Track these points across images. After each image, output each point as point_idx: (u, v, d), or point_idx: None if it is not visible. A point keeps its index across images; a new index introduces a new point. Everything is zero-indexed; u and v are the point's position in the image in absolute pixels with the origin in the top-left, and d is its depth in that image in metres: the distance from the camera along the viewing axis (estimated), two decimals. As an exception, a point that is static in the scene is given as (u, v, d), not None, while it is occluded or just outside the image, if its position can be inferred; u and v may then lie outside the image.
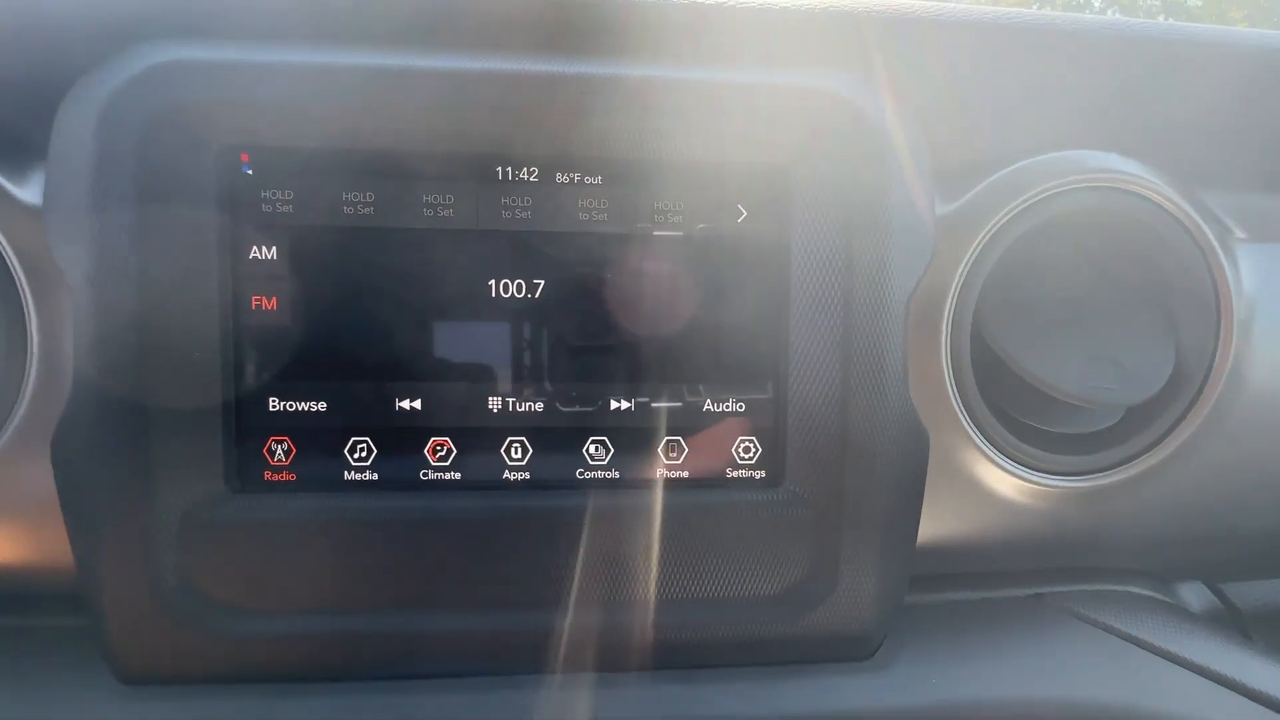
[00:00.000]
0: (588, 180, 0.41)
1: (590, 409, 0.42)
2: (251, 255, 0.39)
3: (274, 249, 0.39)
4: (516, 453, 0.42)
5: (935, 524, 0.46)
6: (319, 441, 0.40)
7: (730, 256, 0.41)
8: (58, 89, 0.38)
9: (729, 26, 0.42)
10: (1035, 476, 0.46)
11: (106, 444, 0.37)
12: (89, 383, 0.37)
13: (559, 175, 0.41)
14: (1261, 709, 0.43)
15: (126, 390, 0.37)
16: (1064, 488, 0.46)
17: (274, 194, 0.39)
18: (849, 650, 0.43)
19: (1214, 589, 0.55)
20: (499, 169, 0.40)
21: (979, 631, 0.46)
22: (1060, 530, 0.48)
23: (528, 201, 0.40)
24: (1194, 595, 0.55)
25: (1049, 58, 0.45)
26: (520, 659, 0.41)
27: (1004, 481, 0.46)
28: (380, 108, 0.38)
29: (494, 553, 0.40)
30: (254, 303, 0.39)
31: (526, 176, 0.40)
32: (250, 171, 0.39)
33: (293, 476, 0.40)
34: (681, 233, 0.41)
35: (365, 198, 0.40)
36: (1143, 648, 0.46)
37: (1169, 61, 0.46)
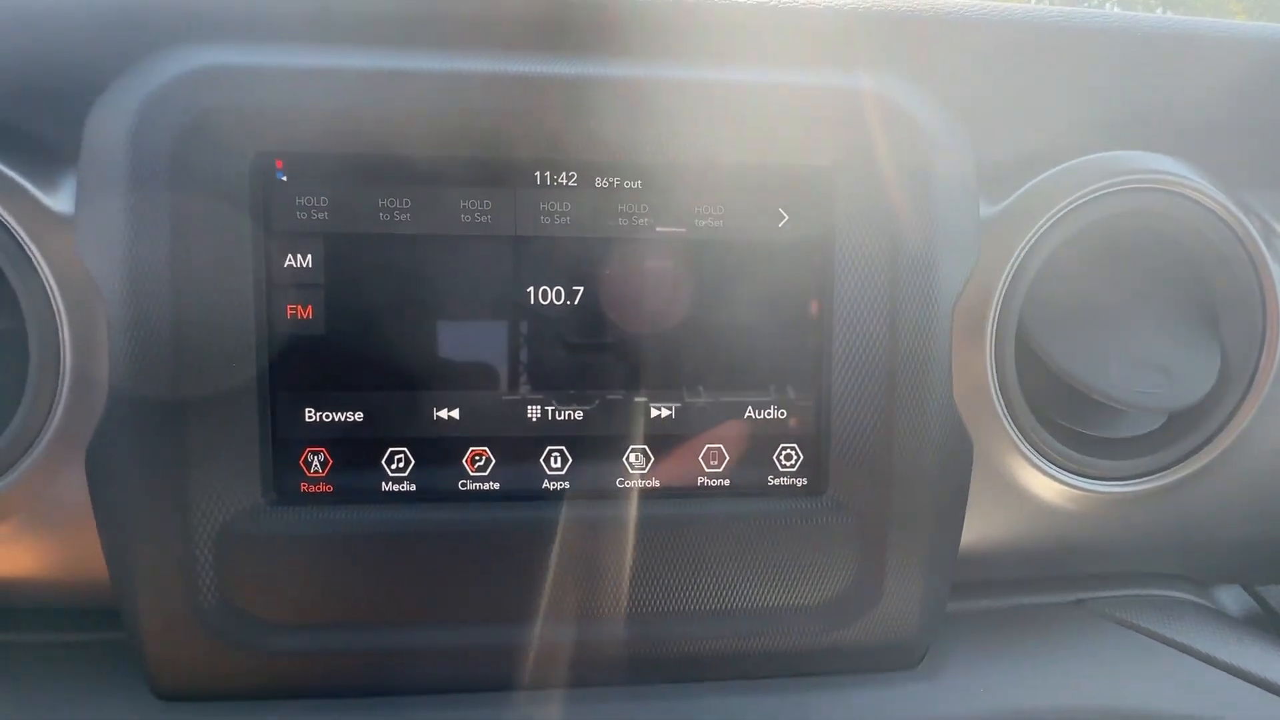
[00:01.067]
0: (627, 184, 0.40)
1: (631, 417, 0.41)
2: (286, 264, 0.39)
3: (309, 257, 0.39)
4: (556, 462, 0.41)
5: (976, 529, 0.45)
6: (356, 452, 0.40)
7: (772, 261, 0.41)
8: (88, 94, 0.37)
9: (770, 27, 0.41)
10: (1079, 481, 0.45)
11: (142, 456, 0.37)
12: (124, 394, 0.36)
13: (598, 179, 0.40)
14: None
15: (162, 402, 0.37)
16: (1107, 493, 0.46)
17: (308, 201, 0.38)
18: (895, 660, 0.42)
19: (1252, 592, 0.54)
20: (537, 174, 0.39)
21: (1022, 638, 0.46)
22: (1101, 535, 0.48)
23: (567, 206, 0.40)
24: (1232, 599, 0.54)
25: (1090, 56, 0.45)
26: (563, 670, 0.40)
27: (1047, 487, 0.45)
28: (416, 112, 0.38)
29: (536, 564, 0.40)
30: (289, 312, 0.39)
31: (565, 181, 0.40)
32: (285, 178, 0.38)
33: (330, 488, 0.40)
34: (722, 237, 0.40)
35: (401, 204, 0.39)
36: (1187, 653, 0.46)
37: (1208, 59, 0.46)
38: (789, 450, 0.42)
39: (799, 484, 0.42)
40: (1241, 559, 0.53)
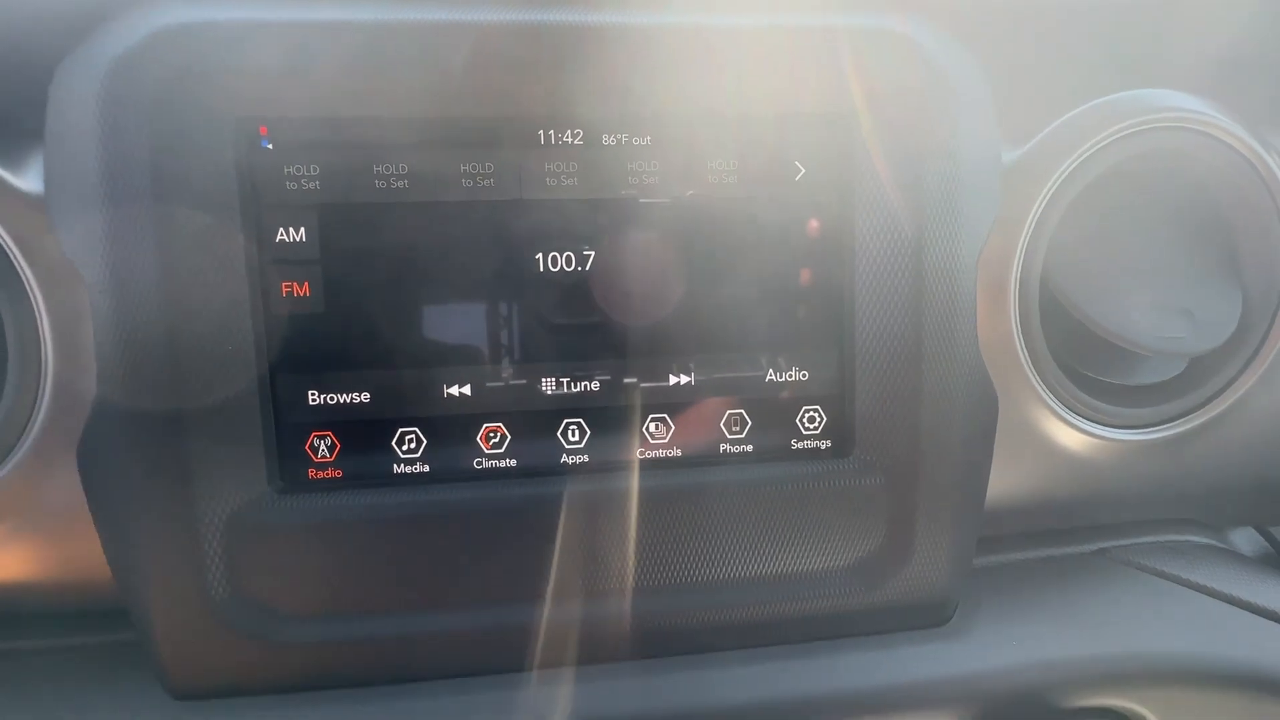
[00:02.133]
0: (636, 141, 0.38)
1: (650, 385, 0.39)
2: (279, 238, 0.36)
3: (302, 230, 0.36)
4: (574, 435, 0.39)
5: (1000, 483, 0.44)
6: (364, 434, 0.38)
7: (789, 217, 0.39)
8: (50, 60, 0.34)
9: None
10: (1103, 431, 0.45)
11: (138, 450, 0.35)
12: (113, 387, 0.34)
13: (605, 137, 0.38)
14: None
15: (155, 391, 0.34)
16: (1131, 441, 0.45)
17: (298, 170, 0.36)
18: (926, 618, 0.42)
19: (1264, 533, 0.55)
20: (541, 132, 0.37)
21: (1048, 590, 0.46)
22: (1124, 484, 0.47)
23: (573, 167, 0.38)
24: (1245, 541, 0.55)
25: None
26: (594, 647, 0.39)
27: (1071, 437, 0.45)
28: (409, 68, 0.35)
29: (559, 541, 0.38)
30: (284, 289, 0.36)
31: (571, 140, 0.37)
32: (270, 146, 0.36)
33: (339, 473, 0.38)
34: (737, 194, 0.39)
35: (398, 170, 0.36)
36: (1209, 595, 0.46)
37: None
38: (812, 412, 0.41)
39: (824, 446, 0.41)
40: (1255, 501, 0.53)
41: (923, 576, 0.41)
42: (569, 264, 0.38)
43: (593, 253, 0.38)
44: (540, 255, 0.38)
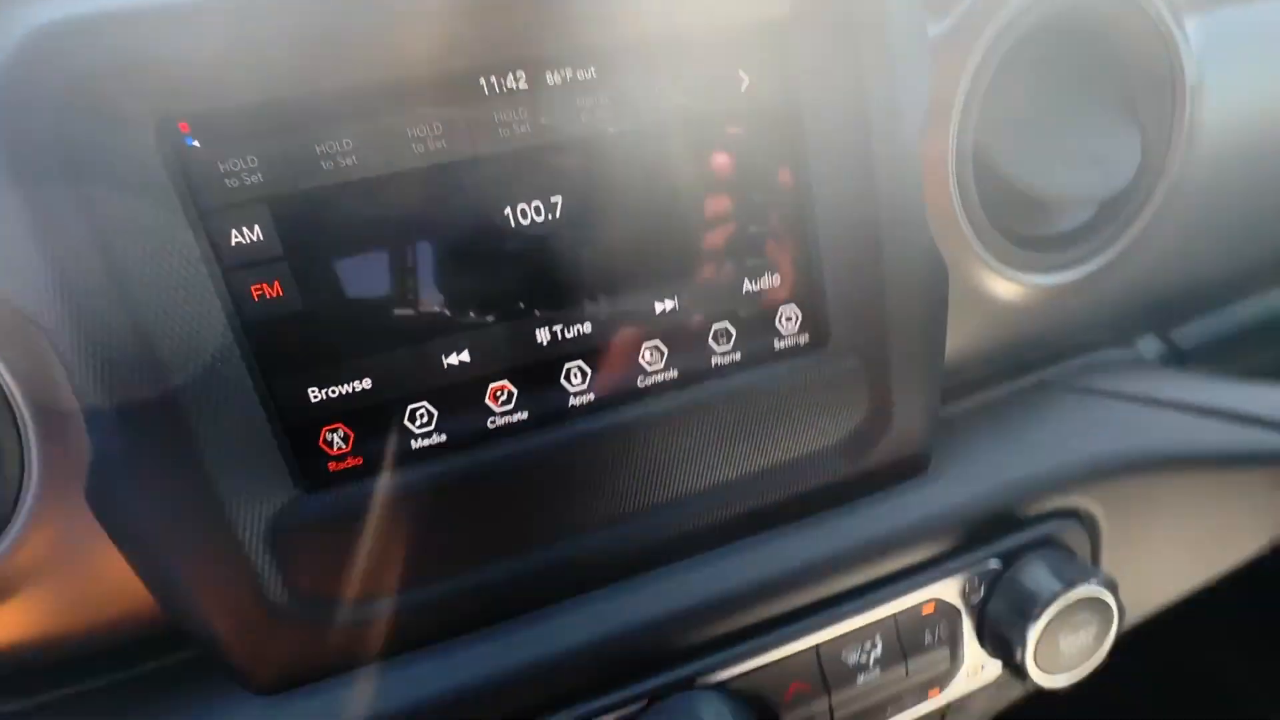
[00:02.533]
0: (580, 75, 0.37)
1: (637, 315, 0.41)
2: (234, 241, 0.34)
3: (257, 228, 0.35)
4: (576, 378, 0.41)
5: (953, 340, 0.50)
6: (375, 419, 0.38)
7: (740, 128, 0.40)
8: None
9: None
10: (1034, 278, 0.50)
11: (156, 487, 0.34)
12: (107, 432, 0.33)
13: (549, 76, 0.37)
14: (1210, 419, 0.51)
15: (153, 423, 0.33)
16: (1057, 284, 0.51)
17: (235, 164, 0.34)
18: (908, 471, 0.48)
19: (1163, 337, 0.64)
20: (482, 80, 0.36)
21: (1003, 423, 0.52)
22: (1053, 321, 0.54)
23: (522, 113, 0.37)
24: (1149, 346, 0.63)
25: None
26: (630, 563, 0.43)
27: (1007, 289, 0.50)
28: (330, 36, 0.32)
29: (581, 477, 0.41)
30: (255, 294, 0.35)
31: (515, 85, 0.36)
32: (196, 143, 0.33)
33: (359, 460, 0.39)
34: (687, 115, 0.39)
35: (343, 146, 0.35)
36: (1131, 400, 0.54)
37: None
38: (789, 312, 0.44)
39: (803, 341, 0.44)
40: (1155, 313, 0.61)
41: (903, 438, 0.46)
42: (539, 214, 0.38)
43: (560, 197, 0.38)
44: (509, 209, 0.38)
